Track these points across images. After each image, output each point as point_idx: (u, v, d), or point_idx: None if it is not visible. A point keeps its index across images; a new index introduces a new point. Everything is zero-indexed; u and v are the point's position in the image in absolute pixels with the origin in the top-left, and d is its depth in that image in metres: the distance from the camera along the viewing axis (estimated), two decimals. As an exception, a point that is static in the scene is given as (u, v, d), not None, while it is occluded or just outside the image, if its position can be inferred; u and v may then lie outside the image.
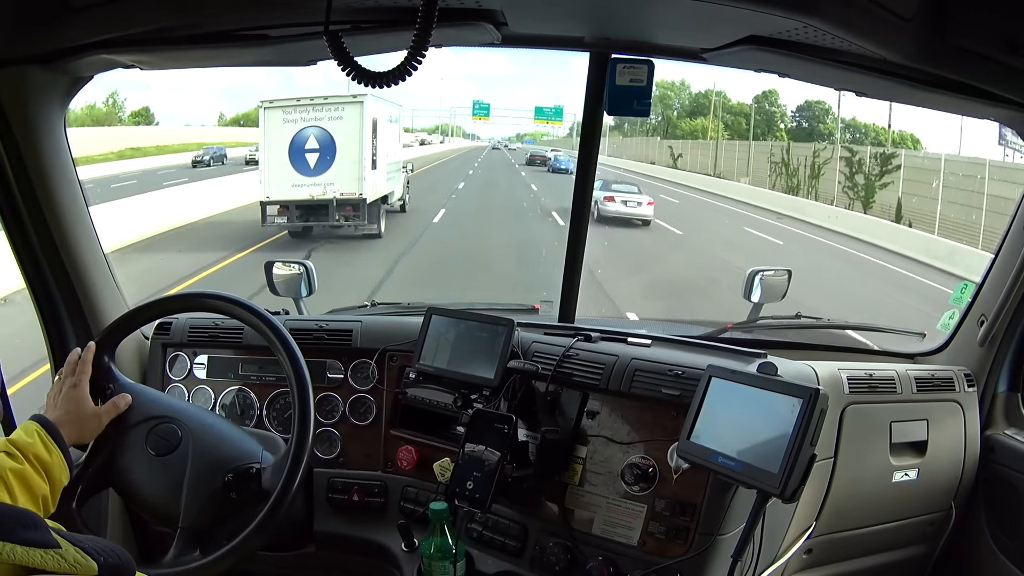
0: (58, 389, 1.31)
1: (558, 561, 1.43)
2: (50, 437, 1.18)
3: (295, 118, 10.72)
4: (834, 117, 27.71)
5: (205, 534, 1.31)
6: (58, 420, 1.23)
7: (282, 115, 10.74)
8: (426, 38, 1.05)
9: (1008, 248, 1.76)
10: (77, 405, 1.28)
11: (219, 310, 1.44)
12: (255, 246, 10.62)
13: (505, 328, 1.57)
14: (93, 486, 1.34)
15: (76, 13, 1.25)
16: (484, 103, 28.71)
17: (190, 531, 1.30)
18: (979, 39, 1.19)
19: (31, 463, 1.14)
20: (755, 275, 2.07)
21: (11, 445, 1.14)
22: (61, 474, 1.19)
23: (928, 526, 1.85)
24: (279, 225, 10.82)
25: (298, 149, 10.65)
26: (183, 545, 1.29)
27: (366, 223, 10.95)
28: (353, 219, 10.83)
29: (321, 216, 10.83)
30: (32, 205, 1.55)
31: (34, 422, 1.20)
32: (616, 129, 35.54)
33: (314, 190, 10.66)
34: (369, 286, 8.36)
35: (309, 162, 10.67)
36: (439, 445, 1.68)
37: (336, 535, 1.75)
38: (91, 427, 1.30)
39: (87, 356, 1.35)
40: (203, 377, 1.85)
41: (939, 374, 1.82)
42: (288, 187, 10.60)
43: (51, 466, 1.16)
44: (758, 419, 1.21)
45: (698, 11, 1.23)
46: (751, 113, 30.42)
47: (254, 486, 1.33)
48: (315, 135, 10.68)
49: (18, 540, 0.62)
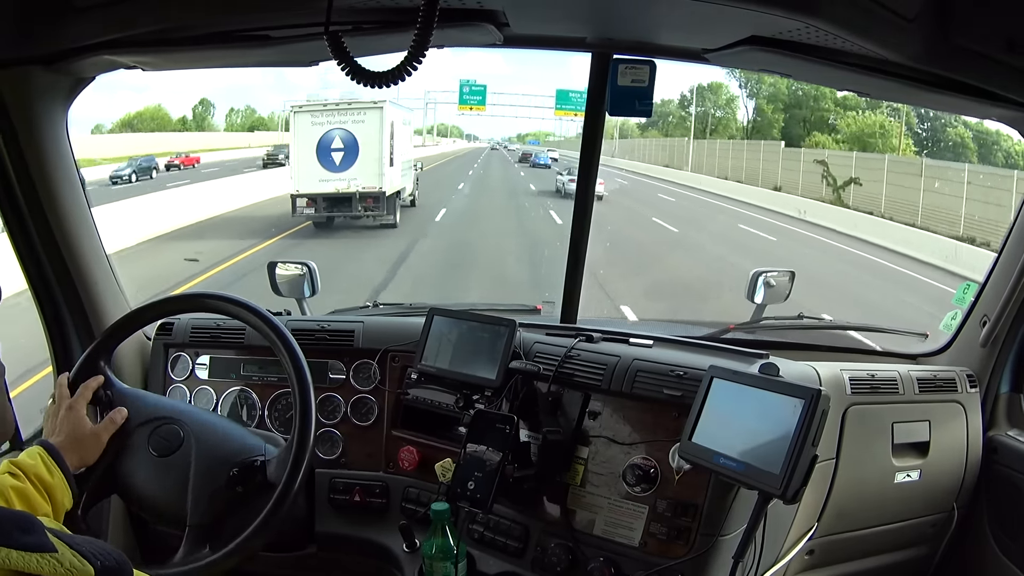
0: (54, 414, 1.31)
1: (559, 562, 1.43)
2: (52, 460, 1.19)
3: (322, 121, 12.31)
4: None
5: (213, 530, 1.31)
6: (60, 445, 1.23)
7: (310, 118, 12.33)
8: (426, 39, 1.05)
9: (1011, 249, 1.76)
10: (76, 428, 1.29)
11: (220, 311, 1.45)
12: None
13: (507, 329, 1.57)
14: (97, 493, 1.34)
15: (79, 14, 1.26)
16: (478, 86, 19.69)
17: (198, 528, 1.30)
18: (982, 39, 1.19)
19: (33, 483, 1.14)
20: (758, 276, 2.06)
21: (14, 466, 1.15)
22: (63, 497, 1.19)
23: (930, 527, 1.85)
24: (306, 215, 12.27)
25: (325, 148, 12.18)
26: (192, 543, 1.29)
27: (384, 214, 12.44)
28: (373, 210, 12.32)
29: (345, 208, 12.33)
30: (34, 206, 1.56)
31: (38, 446, 1.21)
32: (651, 127, 31.41)
33: (339, 184, 12.17)
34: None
35: (335, 160, 12.18)
36: (441, 446, 1.68)
37: (337, 536, 1.75)
38: (92, 447, 1.30)
39: (91, 383, 1.35)
40: (205, 377, 1.85)
41: (941, 375, 1.81)
42: (316, 182, 12.11)
43: (53, 488, 1.17)
44: (760, 420, 1.21)
45: (700, 11, 1.23)
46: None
47: (259, 479, 1.34)
48: (340, 136, 12.23)
49: (14, 544, 0.62)
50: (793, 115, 26.87)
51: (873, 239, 14.49)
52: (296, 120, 12.47)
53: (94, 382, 1.35)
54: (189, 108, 35.35)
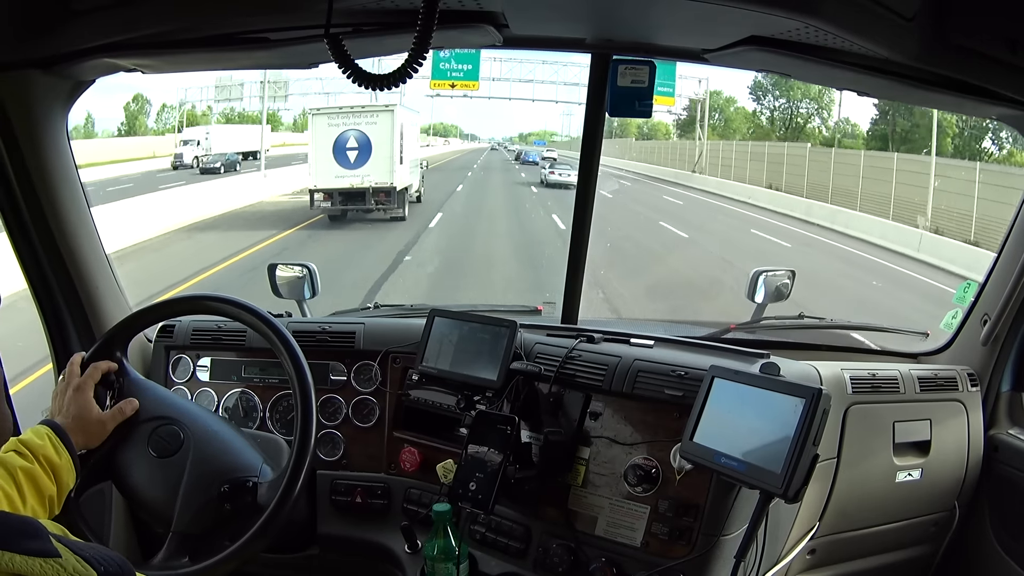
0: (62, 392, 1.31)
1: (561, 562, 1.43)
2: (60, 441, 1.19)
3: (338, 123, 13.47)
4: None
5: (196, 541, 1.30)
6: (67, 426, 1.23)
7: (327, 120, 13.49)
8: (427, 40, 1.05)
9: (1011, 247, 1.76)
10: (83, 411, 1.28)
11: (222, 312, 1.44)
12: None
13: (508, 329, 1.57)
14: (93, 477, 1.33)
15: (78, 17, 1.26)
16: (467, 52, 13.85)
17: (182, 536, 1.29)
18: (980, 38, 1.19)
19: (41, 464, 1.14)
20: (759, 275, 2.06)
21: (22, 445, 1.15)
22: (68, 477, 1.19)
23: (932, 526, 1.85)
24: (322, 208, 13.52)
25: (340, 147, 13.34)
26: (173, 549, 1.29)
27: (395, 207, 13.68)
28: (385, 203, 13.52)
29: (358, 201, 13.48)
30: (35, 208, 1.56)
31: (45, 426, 1.21)
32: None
33: (354, 180, 13.29)
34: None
35: (349, 158, 13.33)
36: (442, 447, 1.68)
37: (339, 537, 1.75)
38: (97, 432, 1.30)
39: (101, 365, 1.34)
40: (206, 380, 1.85)
41: (942, 374, 1.81)
42: (332, 178, 13.25)
43: (60, 468, 1.17)
44: (761, 419, 1.21)
45: (699, 12, 1.23)
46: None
47: (249, 499, 1.32)
48: (354, 136, 13.39)
49: (18, 549, 0.62)
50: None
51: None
52: (314, 122, 13.63)
53: (105, 365, 1.35)
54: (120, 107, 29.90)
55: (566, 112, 41.94)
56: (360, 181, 13.30)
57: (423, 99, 26.77)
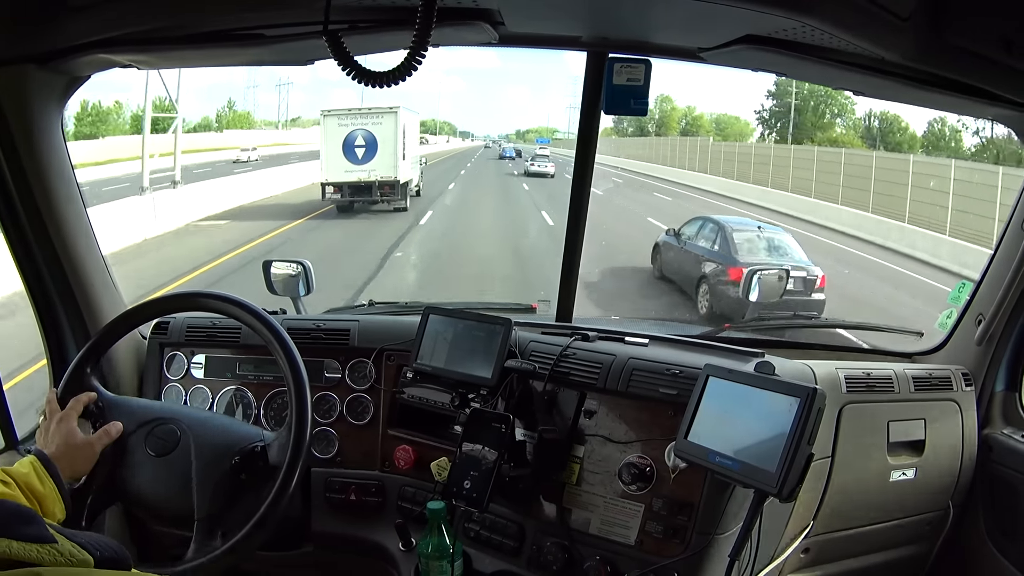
0: (46, 428, 1.31)
1: (555, 560, 1.43)
2: (45, 470, 1.18)
3: (347, 123, 15.07)
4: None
5: (222, 520, 1.31)
6: (53, 455, 1.22)
7: (337, 121, 15.12)
8: (426, 37, 1.04)
9: (1006, 247, 1.76)
10: (69, 437, 1.28)
11: (216, 309, 1.44)
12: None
13: (502, 327, 1.57)
14: (100, 504, 1.33)
15: (74, 12, 1.25)
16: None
17: (207, 520, 1.29)
18: (976, 38, 1.19)
19: (23, 491, 1.13)
20: (753, 274, 2.07)
21: (5, 473, 1.13)
22: (54, 507, 1.17)
23: (926, 525, 1.85)
24: (332, 200, 15.12)
25: (349, 145, 14.95)
26: (204, 535, 1.28)
27: (398, 199, 15.31)
28: (390, 195, 15.15)
29: (365, 194, 15.14)
30: (29, 205, 1.55)
31: (32, 456, 1.20)
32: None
33: (361, 174, 14.90)
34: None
35: (357, 155, 14.93)
36: (436, 444, 1.68)
37: (333, 534, 1.75)
38: (85, 456, 1.29)
39: (82, 398, 1.34)
40: (200, 377, 1.85)
41: (937, 373, 1.82)
42: (342, 172, 14.86)
43: (44, 498, 1.15)
44: (755, 418, 1.21)
45: (695, 11, 1.23)
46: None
47: (261, 464, 1.34)
48: (362, 135, 15.01)
49: (14, 535, 0.62)
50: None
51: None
52: (326, 122, 15.23)
53: (85, 397, 1.35)
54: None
55: (572, 106, 42.50)
56: (367, 175, 14.90)
57: (416, 96, 28.21)
